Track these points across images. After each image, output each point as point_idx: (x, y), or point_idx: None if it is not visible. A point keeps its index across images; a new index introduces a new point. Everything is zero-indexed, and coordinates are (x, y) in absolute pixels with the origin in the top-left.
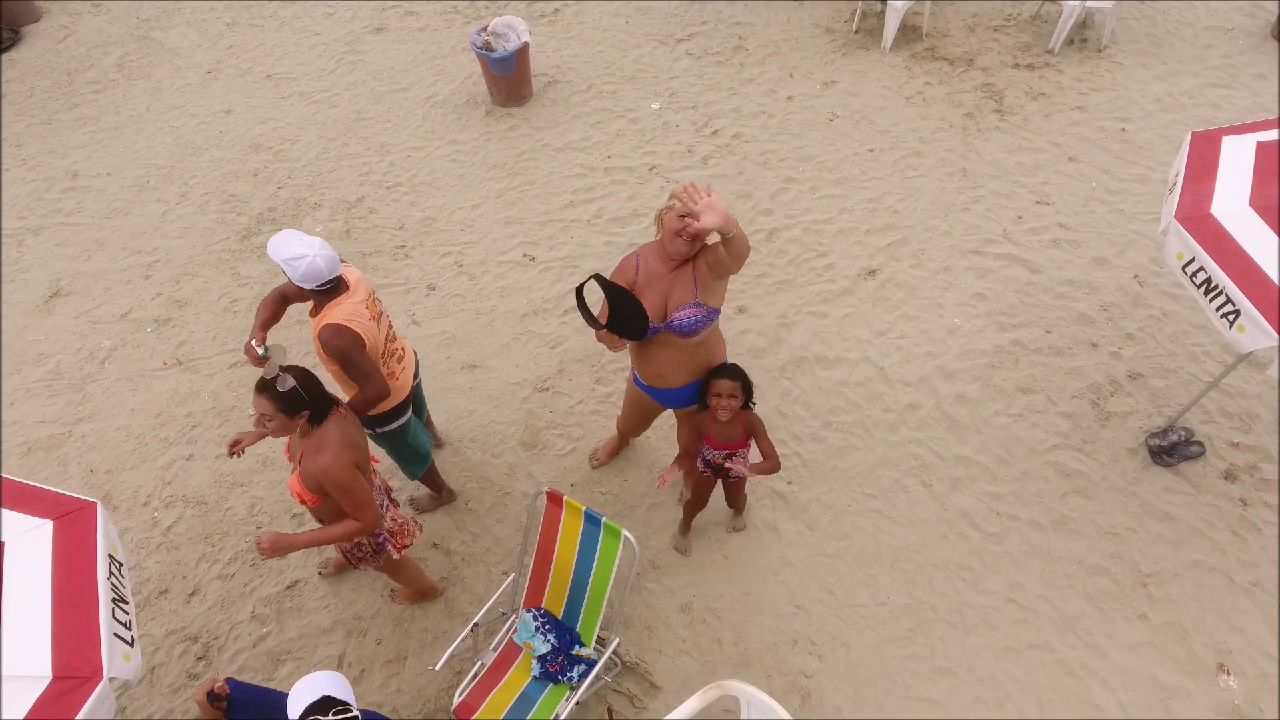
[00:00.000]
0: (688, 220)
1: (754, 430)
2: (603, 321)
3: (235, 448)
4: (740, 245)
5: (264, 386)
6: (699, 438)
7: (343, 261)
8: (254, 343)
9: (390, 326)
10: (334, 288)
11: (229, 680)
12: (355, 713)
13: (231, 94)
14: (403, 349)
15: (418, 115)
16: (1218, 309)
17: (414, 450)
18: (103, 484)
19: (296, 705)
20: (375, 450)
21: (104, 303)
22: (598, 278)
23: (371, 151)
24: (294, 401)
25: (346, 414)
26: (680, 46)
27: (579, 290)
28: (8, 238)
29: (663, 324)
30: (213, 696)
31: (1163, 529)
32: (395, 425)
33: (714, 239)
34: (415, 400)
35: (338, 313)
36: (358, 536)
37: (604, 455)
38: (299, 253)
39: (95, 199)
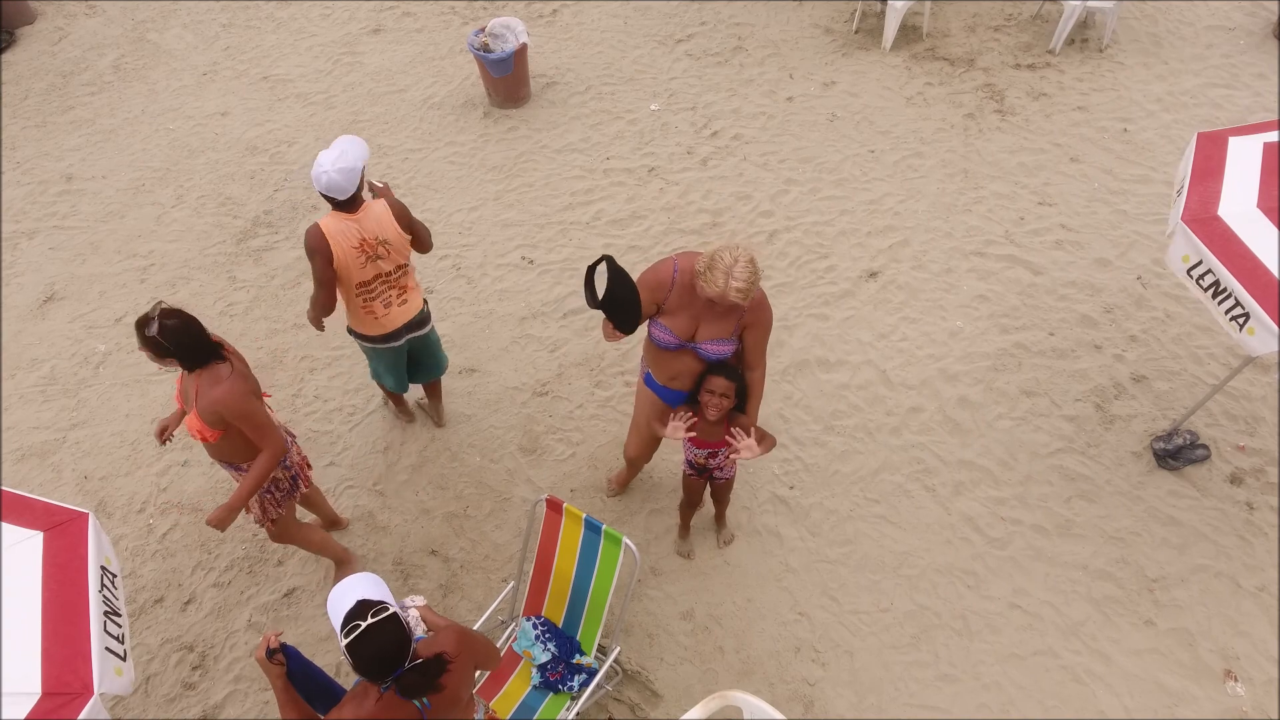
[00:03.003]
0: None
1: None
2: (600, 299)
3: (164, 435)
4: None
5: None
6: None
7: (376, 190)
8: None
9: (386, 279)
10: (349, 202)
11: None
12: (393, 610)
13: (228, 96)
14: (388, 305)
15: (415, 117)
16: (1226, 312)
17: (380, 373)
18: (97, 491)
19: (336, 617)
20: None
21: (99, 307)
22: (608, 259)
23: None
24: (158, 348)
25: (234, 356)
26: (679, 47)
27: (590, 269)
28: (2, 241)
29: (689, 344)
30: (270, 651)
31: (1168, 533)
32: (361, 343)
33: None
34: (416, 357)
35: (329, 221)
36: (274, 466)
37: (617, 486)
38: (321, 164)
39: (90, 202)
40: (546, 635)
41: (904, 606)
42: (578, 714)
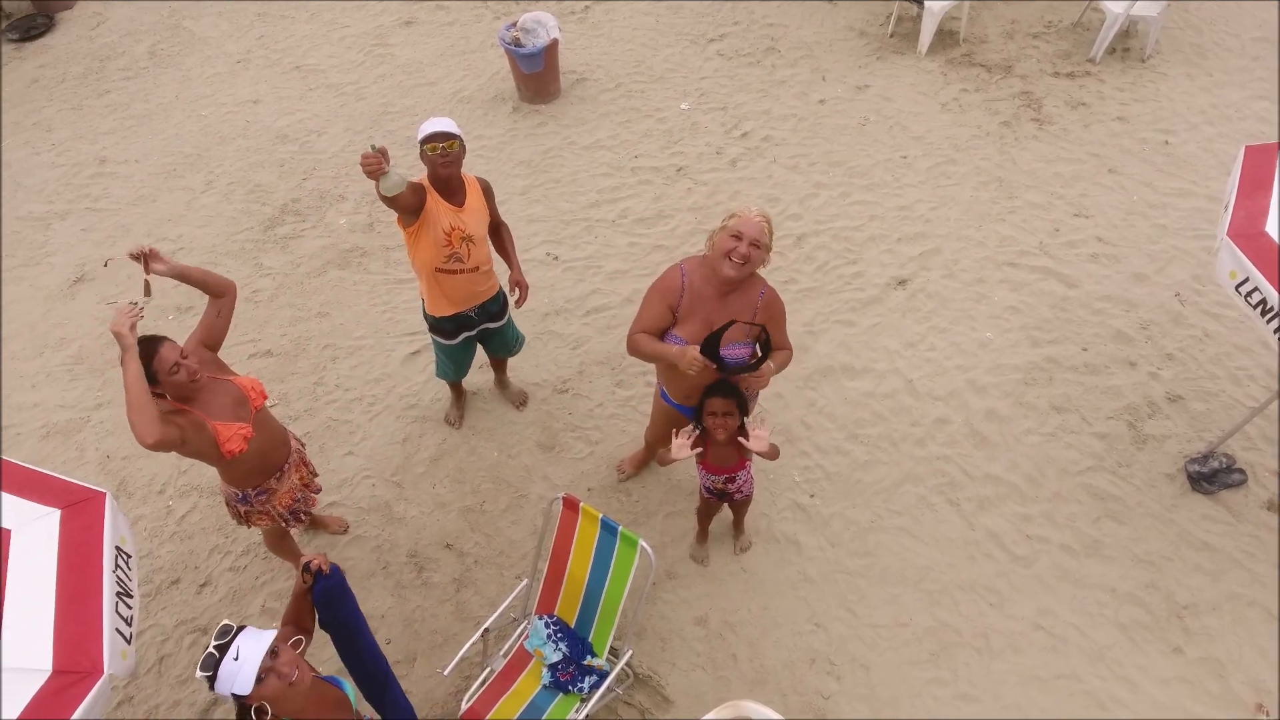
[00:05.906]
0: (738, 243)
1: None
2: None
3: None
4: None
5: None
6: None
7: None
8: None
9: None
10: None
11: (334, 567)
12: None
13: (260, 84)
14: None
15: (445, 110)
16: (1275, 331)
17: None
18: (119, 470)
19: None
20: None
21: (127, 289)
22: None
23: (397, 145)
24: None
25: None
26: (711, 47)
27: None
28: (35, 221)
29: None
30: (308, 568)
31: (1201, 559)
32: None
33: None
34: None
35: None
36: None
37: (630, 467)
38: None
39: (122, 185)
40: (559, 635)
41: (924, 622)
42: (587, 716)
